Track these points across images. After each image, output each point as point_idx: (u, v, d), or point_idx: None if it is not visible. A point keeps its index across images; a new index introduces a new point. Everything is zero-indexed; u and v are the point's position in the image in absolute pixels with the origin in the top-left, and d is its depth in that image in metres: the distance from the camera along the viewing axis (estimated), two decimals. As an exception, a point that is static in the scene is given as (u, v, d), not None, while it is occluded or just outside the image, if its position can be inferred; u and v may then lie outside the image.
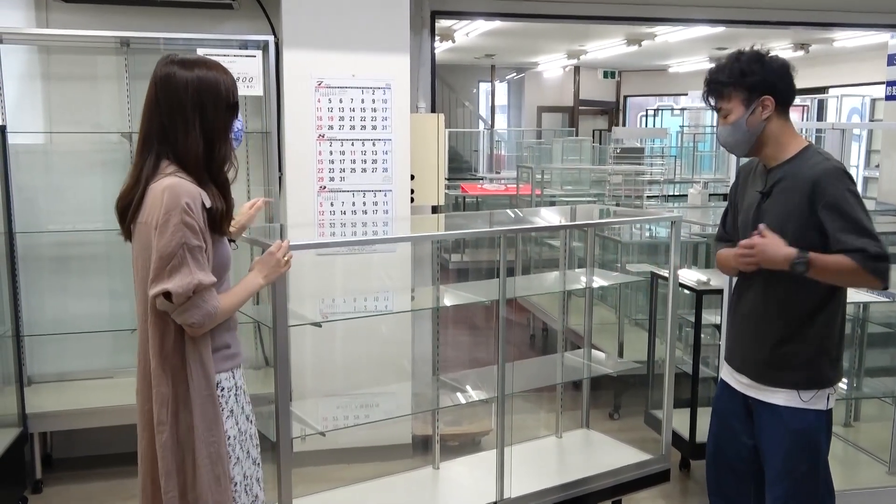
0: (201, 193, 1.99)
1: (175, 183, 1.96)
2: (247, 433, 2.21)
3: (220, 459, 2.05)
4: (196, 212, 1.95)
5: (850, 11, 5.41)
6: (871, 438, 4.07)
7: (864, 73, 9.79)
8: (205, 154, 2.02)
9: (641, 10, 5.12)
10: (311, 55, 3.94)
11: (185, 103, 2.00)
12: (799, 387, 2.43)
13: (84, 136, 4.06)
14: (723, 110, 2.47)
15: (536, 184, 7.06)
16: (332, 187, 4.03)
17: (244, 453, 2.18)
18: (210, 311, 1.97)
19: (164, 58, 2.07)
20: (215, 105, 2.02)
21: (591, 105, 15.97)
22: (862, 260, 2.30)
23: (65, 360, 4.13)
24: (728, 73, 2.43)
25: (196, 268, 1.94)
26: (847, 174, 2.39)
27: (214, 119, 2.02)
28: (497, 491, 3.24)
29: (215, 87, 2.02)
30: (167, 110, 2.01)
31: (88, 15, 4.06)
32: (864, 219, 2.33)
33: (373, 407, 3.56)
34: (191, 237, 1.93)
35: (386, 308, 3.90)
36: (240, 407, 2.17)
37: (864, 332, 4.27)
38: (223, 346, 2.12)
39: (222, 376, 2.10)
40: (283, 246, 2.24)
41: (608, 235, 5.69)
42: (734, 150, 2.56)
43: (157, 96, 2.03)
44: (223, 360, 2.11)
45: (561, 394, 4.04)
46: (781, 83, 2.45)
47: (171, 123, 2.01)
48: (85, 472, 4.08)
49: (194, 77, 2.01)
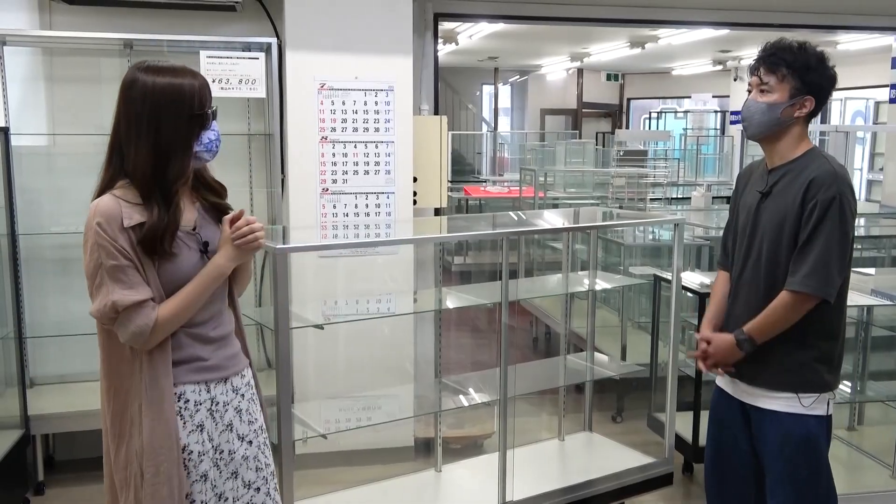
0: (123, 213, 1.90)
1: (96, 203, 1.92)
2: (235, 453, 2.10)
3: (168, 476, 1.95)
4: (110, 232, 1.88)
5: (854, 14, 5.40)
6: (875, 442, 4.06)
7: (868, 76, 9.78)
8: (154, 169, 1.93)
9: (645, 12, 5.12)
10: (313, 57, 3.95)
11: (141, 114, 1.92)
12: (798, 390, 2.42)
13: (87, 138, 4.04)
14: (766, 86, 2.43)
15: (539, 186, 7.06)
16: (335, 189, 4.02)
17: (220, 473, 2.07)
18: (139, 329, 1.90)
19: (135, 64, 2.00)
20: (175, 115, 1.93)
21: (594, 107, 15.97)
22: (791, 285, 2.36)
23: (67, 361, 4.12)
24: (795, 57, 2.40)
25: (116, 287, 1.88)
26: (844, 179, 2.38)
27: (173, 131, 1.93)
28: (499, 494, 3.23)
29: (177, 96, 1.93)
30: (124, 121, 1.95)
31: (92, 17, 4.07)
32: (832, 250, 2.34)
33: (375, 409, 3.55)
34: (105, 257, 1.88)
35: (388, 310, 3.90)
36: (222, 424, 2.08)
37: (867, 336, 4.25)
38: (192, 358, 2.03)
39: (187, 388, 2.02)
40: (228, 222, 2.04)
41: (611, 238, 5.68)
42: (754, 128, 2.48)
43: (118, 105, 1.96)
44: (192, 373, 2.03)
45: (563, 397, 4.03)
46: (826, 92, 2.45)
47: (126, 135, 1.95)
48: (87, 474, 4.06)
49: (155, 85, 1.93)
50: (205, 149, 2.01)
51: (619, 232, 5.61)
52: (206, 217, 2.11)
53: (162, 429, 1.96)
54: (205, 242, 2.06)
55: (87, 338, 4.00)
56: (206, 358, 2.06)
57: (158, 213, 1.93)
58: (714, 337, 2.56)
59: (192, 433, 2.02)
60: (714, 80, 13.89)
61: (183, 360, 2.02)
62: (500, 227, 3.63)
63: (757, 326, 2.45)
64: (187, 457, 2.01)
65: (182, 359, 2.02)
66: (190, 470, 2.02)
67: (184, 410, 2.02)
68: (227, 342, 2.14)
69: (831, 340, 2.46)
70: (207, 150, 2.02)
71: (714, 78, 13.70)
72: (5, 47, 3.73)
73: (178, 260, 1.99)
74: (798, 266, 2.37)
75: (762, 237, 2.47)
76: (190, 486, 2.02)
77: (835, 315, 2.46)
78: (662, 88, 15.60)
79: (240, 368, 2.17)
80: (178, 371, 2.01)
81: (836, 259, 2.35)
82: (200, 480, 2.04)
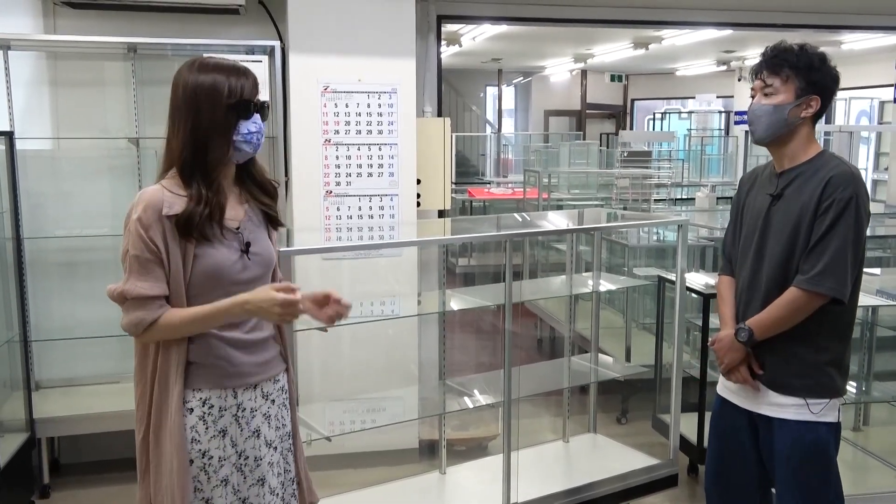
0: (165, 202, 1.94)
1: (142, 191, 1.97)
2: (261, 459, 2.09)
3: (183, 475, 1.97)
4: (145, 221, 1.91)
5: (858, 14, 5.39)
6: (881, 443, 4.05)
7: (873, 75, 9.76)
8: (194, 154, 1.98)
9: (648, 13, 5.11)
10: (317, 60, 3.95)
11: (181, 105, 1.99)
12: (808, 396, 2.40)
13: (92, 142, 4.07)
14: (771, 88, 2.42)
15: (544, 187, 7.06)
16: (339, 192, 4.03)
17: (245, 478, 2.07)
18: (134, 321, 1.92)
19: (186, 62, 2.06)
20: (213, 102, 1.98)
21: (598, 109, 15.95)
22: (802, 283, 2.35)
23: (72, 365, 4.13)
24: (797, 57, 2.39)
25: (132, 276, 1.92)
26: (860, 180, 2.37)
27: (211, 120, 1.98)
28: (504, 496, 3.23)
29: (215, 88, 1.99)
30: (170, 113, 2.02)
31: (96, 21, 4.08)
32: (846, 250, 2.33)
33: (379, 411, 3.56)
34: (131, 246, 1.92)
35: (392, 312, 3.90)
36: (248, 430, 2.07)
37: (872, 336, 4.24)
38: (220, 363, 2.03)
39: (213, 394, 2.02)
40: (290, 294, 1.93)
41: (615, 239, 5.68)
42: (762, 131, 2.45)
43: (170, 100, 2.03)
44: (217, 378, 2.03)
45: (568, 398, 4.03)
46: (830, 91, 2.44)
47: (172, 126, 2.01)
48: (92, 477, 4.08)
49: (197, 79, 1.99)
50: (244, 139, 2.03)
51: (624, 233, 5.60)
52: (252, 219, 2.12)
53: (176, 427, 1.96)
54: (247, 243, 2.07)
55: (92, 341, 4.04)
56: (235, 363, 2.05)
57: (197, 196, 1.97)
58: (719, 335, 2.58)
59: (214, 438, 2.02)
60: (718, 81, 13.87)
61: (210, 364, 2.02)
62: (504, 228, 3.63)
63: (760, 321, 2.44)
64: (207, 462, 2.01)
65: (209, 363, 2.02)
66: (210, 475, 2.02)
67: (207, 416, 2.02)
68: (262, 347, 2.12)
69: (842, 343, 2.45)
70: (247, 142, 2.04)
71: (718, 78, 13.68)
72: (10, 51, 3.74)
73: (215, 251, 2.00)
74: (811, 265, 2.35)
75: (774, 240, 2.45)
76: (210, 491, 2.02)
77: (847, 317, 2.45)
78: (666, 89, 15.58)
79: (273, 374, 2.15)
80: (203, 375, 2.02)
81: (849, 259, 2.34)
82: (221, 485, 2.04)
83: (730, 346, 2.50)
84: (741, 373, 2.50)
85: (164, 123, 2.04)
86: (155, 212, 1.93)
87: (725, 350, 2.52)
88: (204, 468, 2.01)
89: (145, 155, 4.03)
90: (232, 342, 2.05)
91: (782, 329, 2.41)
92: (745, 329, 2.45)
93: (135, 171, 4.05)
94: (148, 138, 3.97)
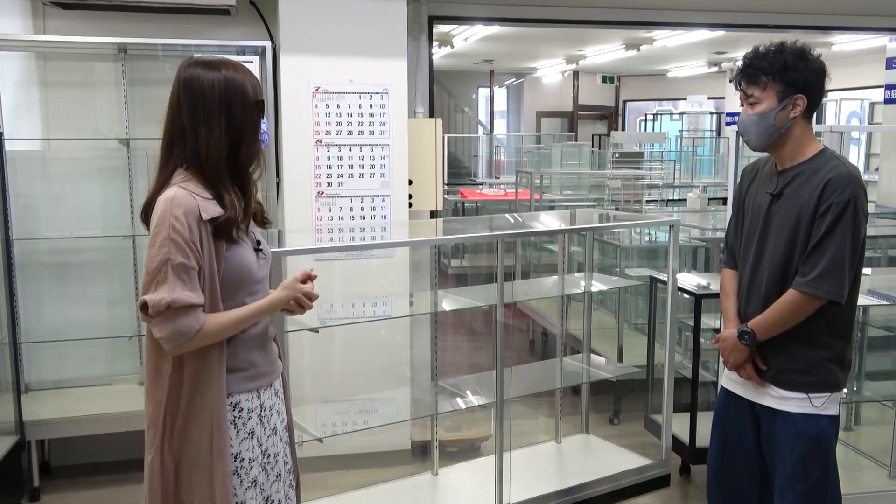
0: (200, 206, 1.89)
1: (172, 196, 1.88)
2: (277, 455, 2.11)
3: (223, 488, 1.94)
4: (186, 226, 1.85)
5: (848, 15, 5.41)
6: (872, 442, 4.06)
7: (863, 76, 9.81)
8: (230, 154, 1.96)
9: (640, 14, 5.12)
10: (308, 61, 3.94)
11: (211, 103, 1.93)
12: (810, 391, 2.42)
13: (82, 143, 4.05)
14: (753, 98, 2.43)
15: (536, 188, 7.06)
16: (330, 192, 4.02)
17: (268, 477, 2.08)
18: (182, 330, 1.85)
19: (186, 61, 2.00)
20: (243, 104, 1.97)
21: (590, 110, 15.96)
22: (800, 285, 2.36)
23: (62, 367, 4.11)
24: (770, 62, 2.39)
25: (178, 284, 1.84)
26: (858, 182, 2.38)
27: (243, 118, 1.97)
28: (496, 497, 3.22)
29: (242, 86, 1.97)
30: (191, 111, 1.94)
31: (86, 21, 4.06)
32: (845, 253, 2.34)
33: (371, 413, 3.55)
34: (175, 253, 1.84)
35: (384, 313, 3.89)
36: (270, 427, 2.09)
37: (864, 336, 4.26)
38: (244, 366, 2.02)
39: (242, 397, 2.01)
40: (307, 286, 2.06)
41: (607, 240, 5.69)
42: (754, 140, 2.46)
43: (180, 99, 1.96)
44: (245, 381, 2.02)
45: (560, 399, 4.02)
46: (817, 86, 2.42)
47: (195, 124, 1.93)
48: (83, 480, 4.06)
49: (220, 77, 1.95)
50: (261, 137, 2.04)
51: (616, 234, 5.61)
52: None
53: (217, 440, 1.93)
54: (258, 241, 2.09)
55: (82, 343, 4.03)
56: (257, 364, 2.06)
57: (234, 199, 1.95)
58: (722, 335, 2.59)
59: (245, 441, 2.02)
60: (709, 82, 13.91)
61: (238, 367, 2.01)
62: (496, 229, 3.62)
63: (761, 323, 2.46)
64: (239, 465, 2.01)
65: (237, 366, 2.01)
66: (242, 477, 2.01)
67: (237, 419, 2.01)
68: (270, 343, 2.15)
69: (843, 340, 2.48)
70: (262, 141, 2.05)
71: (709, 80, 13.72)
72: (-1, 52, 3.73)
73: (242, 251, 2.00)
74: (809, 267, 2.36)
75: (775, 239, 2.46)
76: (244, 494, 2.02)
77: (847, 315, 2.47)
78: (658, 90, 15.61)
79: (280, 371, 2.19)
80: (233, 380, 2.00)
81: (847, 262, 2.35)
82: (252, 487, 2.04)
83: (733, 346, 2.53)
84: (747, 370, 2.53)
85: (154, 124, 2.02)
86: (195, 217, 1.88)
87: (730, 350, 2.54)
88: (237, 472, 2.01)
89: (136, 156, 4.02)
90: (252, 341, 2.05)
91: (783, 329, 2.43)
92: (748, 332, 2.48)
93: (125, 172, 4.04)
94: (138, 139, 3.96)
